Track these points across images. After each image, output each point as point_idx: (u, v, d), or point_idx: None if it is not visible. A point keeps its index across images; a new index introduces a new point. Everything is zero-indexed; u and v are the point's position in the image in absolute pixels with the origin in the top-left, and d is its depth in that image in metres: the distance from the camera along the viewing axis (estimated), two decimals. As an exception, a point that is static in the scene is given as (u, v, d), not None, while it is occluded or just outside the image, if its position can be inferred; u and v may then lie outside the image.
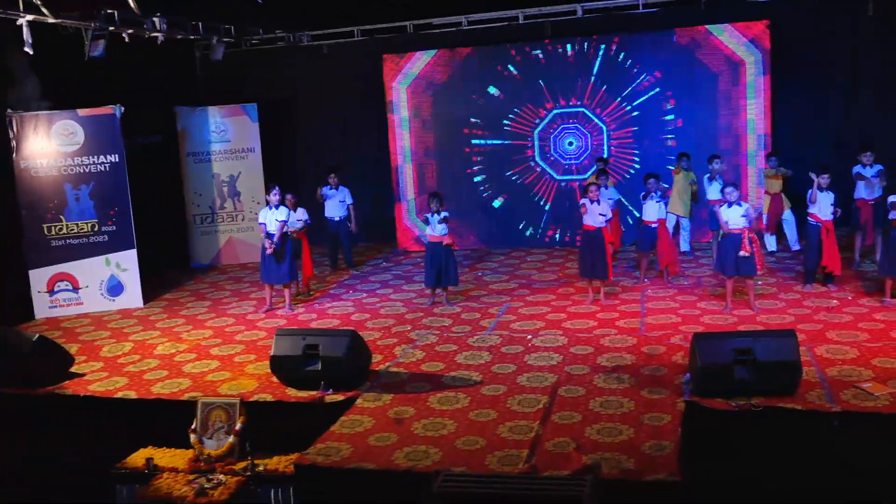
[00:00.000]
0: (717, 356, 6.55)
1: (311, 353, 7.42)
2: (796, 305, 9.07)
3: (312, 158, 14.43)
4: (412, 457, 6.08)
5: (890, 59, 11.97)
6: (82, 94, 11.07)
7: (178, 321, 10.25)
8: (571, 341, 8.36)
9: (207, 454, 7.18)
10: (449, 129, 13.41)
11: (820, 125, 12.33)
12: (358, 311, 10.14)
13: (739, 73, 12.06)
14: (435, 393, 7.28)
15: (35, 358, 8.11)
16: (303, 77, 14.45)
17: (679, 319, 8.89)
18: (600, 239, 9.58)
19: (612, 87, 12.63)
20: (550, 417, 6.56)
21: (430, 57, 13.26)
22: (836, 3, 11.95)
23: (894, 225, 8.73)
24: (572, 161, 13.03)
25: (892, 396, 6.49)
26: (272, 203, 10.19)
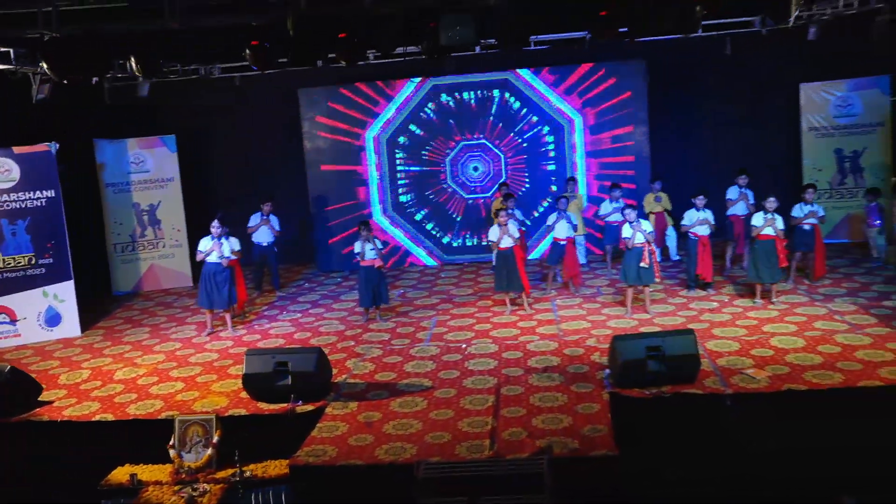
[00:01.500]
0: (633, 353, 7.93)
1: (282, 370, 8.29)
2: (683, 308, 10.65)
3: (232, 187, 15.06)
4: (392, 452, 7.11)
5: (745, 92, 13.95)
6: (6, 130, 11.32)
7: (126, 347, 10.78)
8: (502, 348, 9.59)
9: (188, 466, 7.93)
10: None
11: (692, 152, 14.14)
12: (299, 330, 11.00)
13: (617, 107, 13.67)
14: (395, 398, 8.32)
15: (8, 387, 8.56)
16: (217, 109, 14.98)
17: (589, 324, 10.28)
18: (513, 257, 10.86)
19: (506, 124, 14.11)
20: (500, 412, 7.74)
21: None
22: (702, 43, 13.71)
23: (759, 238, 10.45)
24: (477, 183, 14.37)
25: (770, 378, 8.05)
26: (213, 234, 10.88)
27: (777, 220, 10.37)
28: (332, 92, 14.21)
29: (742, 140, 14.10)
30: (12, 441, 8.35)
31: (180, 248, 14.38)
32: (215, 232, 10.87)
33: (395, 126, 14.32)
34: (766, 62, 13.68)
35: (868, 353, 8.49)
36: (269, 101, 14.83)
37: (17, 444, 8.35)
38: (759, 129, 14.11)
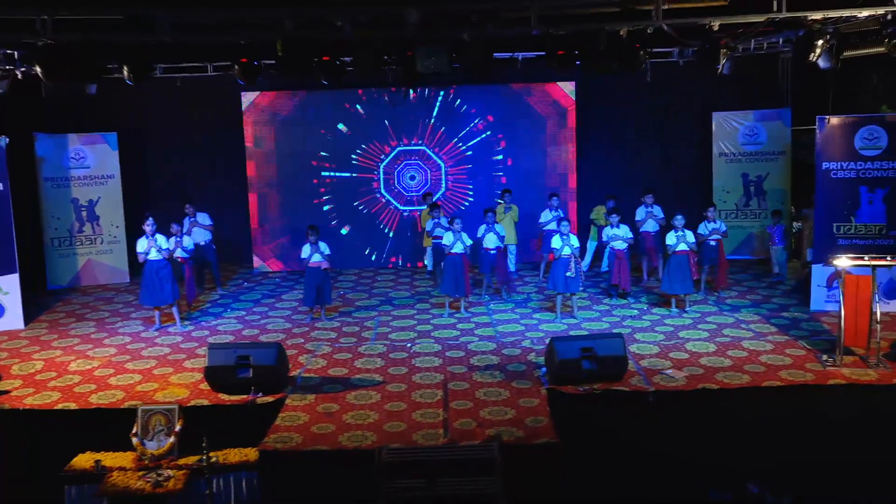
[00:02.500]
0: (569, 353, 8.79)
1: (243, 363, 8.79)
2: (608, 315, 11.62)
3: (171, 184, 15.30)
4: (354, 439, 7.75)
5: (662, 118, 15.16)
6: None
7: (74, 340, 11.01)
8: (445, 347, 10.32)
9: (150, 454, 8.34)
10: (296, 161, 14.85)
11: (613, 169, 15.24)
12: (247, 327, 11.46)
13: (566, 118, 14.61)
14: (349, 391, 8.94)
15: (-32, 377, 8.78)
16: (158, 108, 15.19)
17: (523, 327, 11.13)
18: (462, 262, 11.61)
19: (449, 129, 14.76)
20: (450, 405, 8.47)
21: (284, 94, 14.63)
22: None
23: (674, 254, 11.51)
24: (413, 193, 15.01)
25: (687, 378, 9.06)
26: (147, 232, 11.18)
27: (688, 235, 11.46)
28: (278, 96, 14.59)
29: (658, 161, 15.31)
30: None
31: (118, 244, 14.56)
32: (149, 230, 11.18)
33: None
34: (682, 91, 14.90)
35: (770, 358, 9.62)
36: (210, 103, 15.11)
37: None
38: (674, 151, 15.34)
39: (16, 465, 8.29)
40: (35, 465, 8.27)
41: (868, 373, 9.03)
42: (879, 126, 10.89)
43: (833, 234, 11.12)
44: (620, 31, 7.55)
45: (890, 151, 10.83)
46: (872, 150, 10.92)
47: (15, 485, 8.17)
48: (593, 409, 8.58)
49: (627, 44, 7.63)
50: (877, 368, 9.10)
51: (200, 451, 8.16)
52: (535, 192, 14.51)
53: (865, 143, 10.91)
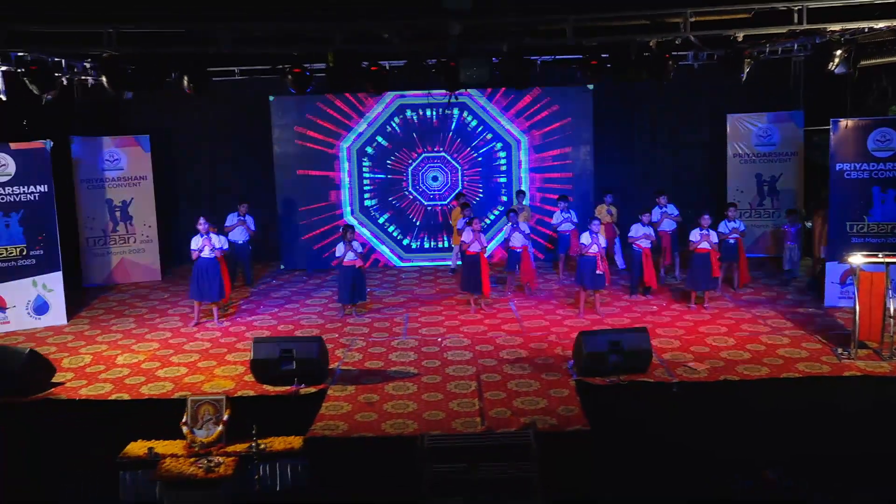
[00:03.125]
0: (597, 346, 9.24)
1: (287, 356, 9.26)
2: (628, 311, 12.05)
3: (201, 186, 15.80)
4: (396, 427, 8.20)
5: (678, 119, 15.59)
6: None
7: (117, 335, 11.49)
8: (474, 342, 10.77)
9: (200, 442, 8.80)
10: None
11: (630, 171, 15.69)
12: (282, 323, 11.92)
13: (567, 127, 15.08)
14: (387, 382, 9.40)
15: (27, 369, 9.26)
16: (190, 112, 15.69)
17: (547, 323, 11.57)
18: (479, 262, 12.06)
19: (464, 140, 15.32)
20: (484, 395, 8.92)
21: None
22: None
23: (696, 252, 11.93)
24: (436, 191, 15.53)
25: (708, 370, 9.49)
26: (201, 231, 11.69)
27: (711, 235, 11.89)
28: (305, 101, 15.05)
29: (675, 162, 15.74)
30: (33, 418, 9.04)
31: (150, 243, 15.07)
32: (202, 229, 11.68)
33: (365, 138, 15.33)
34: (698, 93, 15.31)
35: (787, 351, 10.05)
36: (239, 107, 15.61)
37: (38, 421, 9.03)
38: (690, 152, 15.77)
39: (72, 452, 8.77)
40: (91, 453, 8.73)
41: (882, 365, 9.45)
42: (891, 128, 11.30)
43: (847, 232, 11.53)
44: (650, 41, 8.00)
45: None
46: (885, 152, 11.33)
47: (72, 471, 8.65)
48: (620, 399, 9.01)
49: (657, 54, 8.07)
50: (890, 361, 9.53)
51: (247, 439, 8.66)
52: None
53: (878, 144, 11.32)
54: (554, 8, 7.33)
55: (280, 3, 7.49)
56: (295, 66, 8.26)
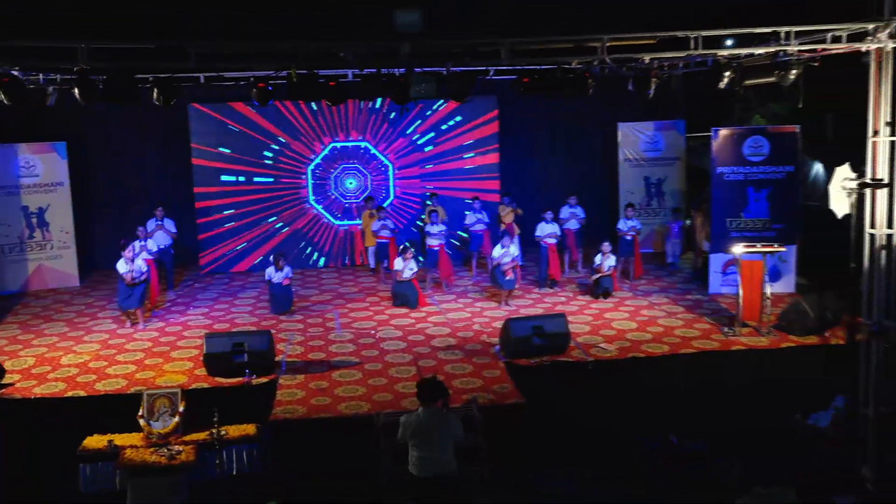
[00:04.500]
0: (523, 331, 10.33)
1: (239, 349, 9.88)
2: (540, 302, 13.23)
3: (119, 192, 15.97)
4: (351, 408, 9.02)
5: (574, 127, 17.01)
6: None
7: (53, 339, 11.71)
8: (406, 333, 11.67)
9: (157, 433, 9.32)
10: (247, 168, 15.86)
11: (531, 175, 16.97)
12: (216, 322, 12.44)
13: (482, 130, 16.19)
14: (333, 371, 10.18)
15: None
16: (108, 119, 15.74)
17: (469, 314, 12.60)
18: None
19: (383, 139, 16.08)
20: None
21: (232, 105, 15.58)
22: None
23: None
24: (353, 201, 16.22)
25: (618, 350, 10.76)
26: (126, 258, 11.94)
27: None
28: (224, 109, 15.48)
29: (572, 166, 17.15)
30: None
31: (68, 249, 15.14)
32: (129, 255, 12.00)
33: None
34: (590, 103, 16.70)
35: (682, 331, 11.47)
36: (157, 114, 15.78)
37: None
38: (585, 157, 17.23)
39: (29, 449, 9.11)
40: (48, 449, 9.10)
41: (762, 340, 10.99)
42: (763, 136, 12.96)
43: (727, 227, 13.09)
44: (573, 62, 9.18)
45: (772, 157, 12.90)
46: (758, 157, 12.96)
47: (30, 467, 8.99)
48: (544, 377, 10.13)
49: (579, 73, 9.25)
50: (768, 336, 11.07)
51: (202, 429, 9.25)
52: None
53: (752, 150, 12.95)
54: (492, 32, 8.36)
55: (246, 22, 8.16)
56: (260, 81, 8.95)
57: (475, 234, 14.89)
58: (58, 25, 7.68)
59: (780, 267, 12.85)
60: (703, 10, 8.60)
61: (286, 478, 8.78)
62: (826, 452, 9.75)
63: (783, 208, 12.92)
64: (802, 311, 11.02)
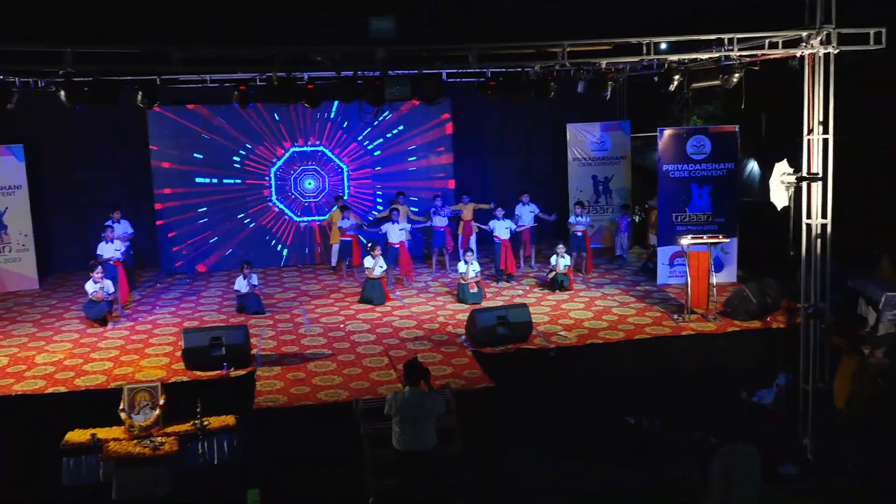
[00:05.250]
0: (488, 321, 10.89)
1: (216, 343, 10.21)
2: (498, 295, 13.82)
3: (76, 192, 16.02)
4: (330, 395, 9.45)
5: (524, 127, 17.69)
6: None
7: (22, 339, 11.83)
8: (374, 326, 12.13)
9: (139, 426, 9.61)
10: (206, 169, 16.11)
11: (485, 173, 17.58)
12: (186, 319, 12.70)
13: (438, 132, 16.74)
14: (308, 363, 10.58)
15: (-42, 370, 9.63)
16: (64, 121, 15.72)
17: (433, 308, 13.12)
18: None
19: (340, 140, 16.50)
20: (397, 366, 10.31)
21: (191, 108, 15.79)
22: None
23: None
24: (312, 200, 16.60)
25: (577, 337, 11.40)
26: (95, 279, 12.19)
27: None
28: (181, 111, 15.69)
29: (523, 165, 17.84)
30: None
31: (27, 252, 15.18)
32: (98, 276, 12.20)
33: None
34: (541, 105, 17.39)
35: (636, 319, 12.18)
36: (114, 116, 15.88)
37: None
38: (536, 156, 17.93)
39: (11, 445, 9.29)
40: (30, 445, 9.30)
41: (709, 325, 11.77)
42: (705, 136, 13.80)
43: (673, 221, 13.89)
44: (536, 66, 9.77)
45: (713, 156, 13.75)
46: (700, 155, 13.80)
47: (12, 463, 9.17)
48: (509, 364, 10.70)
49: (541, 77, 9.85)
50: (715, 322, 11.86)
51: (183, 421, 9.57)
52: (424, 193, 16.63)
53: (695, 149, 13.78)
54: (460, 38, 8.90)
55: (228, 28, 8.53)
56: (241, 84, 9.30)
57: (437, 230, 15.39)
58: (41, 29, 7.93)
59: (722, 258, 13.69)
60: (653, 19, 9.30)
61: (269, 465, 9.16)
62: (770, 426, 10.55)
63: (724, 203, 13.80)
64: (745, 297, 11.83)
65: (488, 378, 9.88)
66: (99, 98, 8.62)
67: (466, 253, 13.69)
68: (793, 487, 9.50)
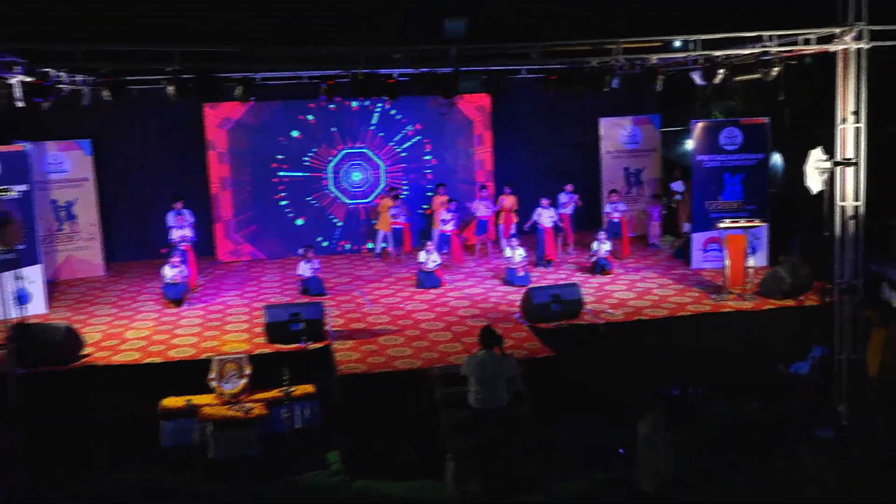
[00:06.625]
0: (543, 298, 11.76)
1: (296, 318, 11.10)
2: (542, 279, 14.66)
3: (143, 187, 16.94)
4: (405, 364, 10.33)
5: (560, 122, 18.54)
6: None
7: (107, 318, 12.75)
8: (431, 305, 13.01)
9: (228, 393, 10.51)
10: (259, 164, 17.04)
11: (522, 165, 18.43)
12: (254, 301, 13.59)
13: (473, 128, 17.64)
14: (378, 337, 11.46)
15: (66, 341, 10.56)
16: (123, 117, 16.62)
17: (483, 290, 13.98)
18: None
19: (387, 134, 17.43)
20: (462, 339, 11.19)
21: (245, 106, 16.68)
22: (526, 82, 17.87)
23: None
24: (358, 189, 17.51)
25: (623, 314, 12.26)
26: (173, 264, 13.28)
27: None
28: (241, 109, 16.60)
29: (558, 158, 18.67)
30: (76, 384, 10.37)
31: (94, 240, 16.10)
32: (175, 261, 13.18)
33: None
34: (575, 100, 18.21)
35: (677, 298, 13.04)
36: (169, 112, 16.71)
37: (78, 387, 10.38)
38: (570, 149, 18.78)
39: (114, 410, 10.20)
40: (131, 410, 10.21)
41: (746, 304, 12.61)
42: (736, 128, 14.65)
43: (706, 209, 14.73)
44: (593, 62, 10.64)
45: (744, 146, 14.59)
46: (732, 146, 14.64)
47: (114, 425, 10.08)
48: (563, 338, 11.56)
49: (598, 72, 10.73)
50: (751, 300, 12.70)
51: (265, 389, 10.47)
52: (464, 186, 17.50)
53: (727, 140, 14.62)
54: (524, 36, 9.78)
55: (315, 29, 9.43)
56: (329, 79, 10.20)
57: (481, 220, 16.25)
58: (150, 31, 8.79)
59: (753, 243, 14.51)
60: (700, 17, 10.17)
61: (350, 429, 10.05)
62: (804, 395, 11.39)
63: (755, 191, 14.64)
64: (780, 277, 12.66)
65: (548, 348, 10.73)
66: (204, 93, 9.49)
67: (511, 239, 14.54)
68: (828, 450, 10.37)
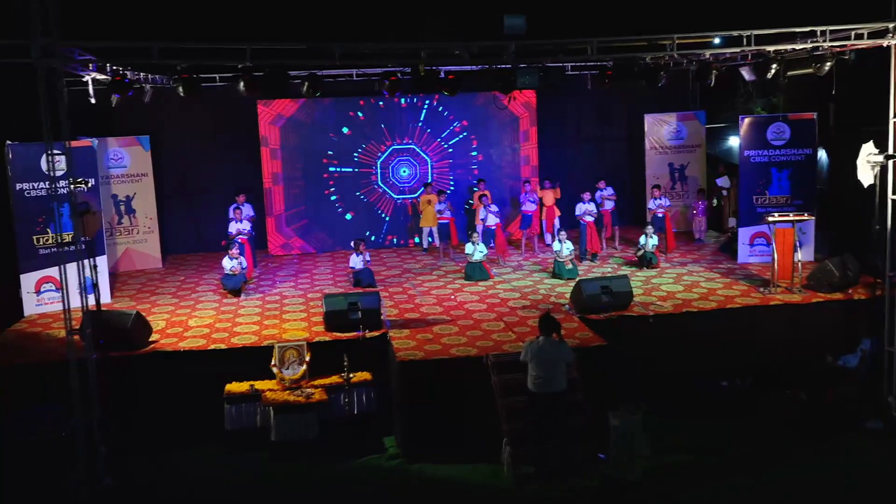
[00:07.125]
0: (593, 290, 12.00)
1: (353, 307, 11.45)
2: (588, 272, 14.88)
3: (199, 181, 17.46)
4: (461, 351, 10.62)
5: (606, 118, 18.72)
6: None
7: (169, 307, 13.22)
8: (482, 297, 13.30)
9: (289, 379, 10.89)
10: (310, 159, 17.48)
11: (565, 160, 18.66)
12: (308, 291, 13.99)
13: (519, 124, 17.90)
14: (432, 326, 11.76)
15: (135, 327, 11.03)
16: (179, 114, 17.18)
17: (531, 283, 14.24)
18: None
19: (434, 131, 17.76)
20: (513, 329, 11.46)
21: (297, 103, 17.14)
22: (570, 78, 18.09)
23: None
24: (406, 185, 17.88)
25: (672, 306, 12.44)
26: (231, 256, 13.75)
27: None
28: (293, 105, 17.04)
29: (604, 153, 18.88)
30: (146, 369, 10.83)
31: (152, 234, 16.64)
32: (234, 253, 13.67)
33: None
34: (619, 96, 18.42)
35: (724, 291, 13.19)
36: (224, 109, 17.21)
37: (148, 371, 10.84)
38: (614, 145, 18.96)
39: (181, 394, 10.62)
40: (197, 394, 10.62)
41: (794, 296, 12.72)
42: (784, 123, 14.74)
43: (753, 204, 14.86)
44: (647, 58, 10.86)
45: (792, 142, 14.68)
46: (779, 141, 14.74)
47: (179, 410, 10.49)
48: (613, 329, 11.78)
49: (653, 66, 10.94)
50: (799, 293, 12.81)
51: (324, 375, 10.83)
52: (509, 181, 17.79)
53: (775, 135, 14.73)
54: (581, 32, 10.04)
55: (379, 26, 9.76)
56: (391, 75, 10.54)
57: (525, 214, 16.52)
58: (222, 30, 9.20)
59: (800, 238, 14.60)
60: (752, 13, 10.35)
61: (407, 414, 10.36)
62: (855, 386, 11.50)
63: (802, 186, 14.72)
64: (828, 271, 12.75)
65: (601, 338, 10.97)
66: (272, 89, 9.88)
67: (560, 232, 14.77)
68: (877, 440, 10.50)
